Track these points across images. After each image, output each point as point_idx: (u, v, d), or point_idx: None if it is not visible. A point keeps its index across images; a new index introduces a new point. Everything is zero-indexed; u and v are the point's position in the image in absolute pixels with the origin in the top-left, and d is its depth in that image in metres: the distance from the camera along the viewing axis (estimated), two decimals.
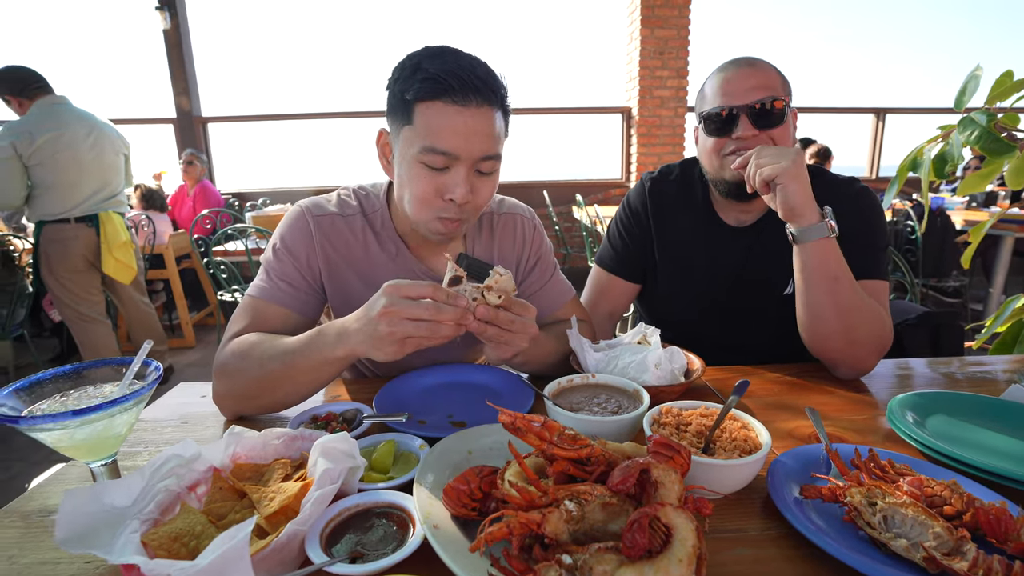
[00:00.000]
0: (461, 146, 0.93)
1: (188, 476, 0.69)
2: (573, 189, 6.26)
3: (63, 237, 3.07)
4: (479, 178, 0.99)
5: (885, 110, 6.97)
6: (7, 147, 2.82)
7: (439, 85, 0.91)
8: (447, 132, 0.93)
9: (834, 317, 1.10)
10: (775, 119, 1.18)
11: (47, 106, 2.96)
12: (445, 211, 1.00)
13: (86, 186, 3.07)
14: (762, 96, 1.17)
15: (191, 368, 4.13)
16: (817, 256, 1.09)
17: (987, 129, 1.26)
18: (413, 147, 0.95)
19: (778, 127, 1.19)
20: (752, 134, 1.18)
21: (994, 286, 4.23)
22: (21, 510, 0.75)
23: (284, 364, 0.92)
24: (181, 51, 6.17)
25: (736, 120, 1.19)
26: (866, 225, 1.24)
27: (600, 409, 0.89)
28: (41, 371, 0.73)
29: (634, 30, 6.09)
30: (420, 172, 0.97)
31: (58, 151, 2.91)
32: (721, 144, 1.23)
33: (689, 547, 0.50)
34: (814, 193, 1.12)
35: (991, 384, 1.13)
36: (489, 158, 0.97)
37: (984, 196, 5.12)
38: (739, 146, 1.20)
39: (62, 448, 0.68)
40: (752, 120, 1.18)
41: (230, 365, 0.98)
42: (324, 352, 0.90)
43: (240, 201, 6.07)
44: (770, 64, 1.22)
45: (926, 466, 0.76)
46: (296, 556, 0.61)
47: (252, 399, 0.98)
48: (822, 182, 1.28)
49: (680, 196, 1.41)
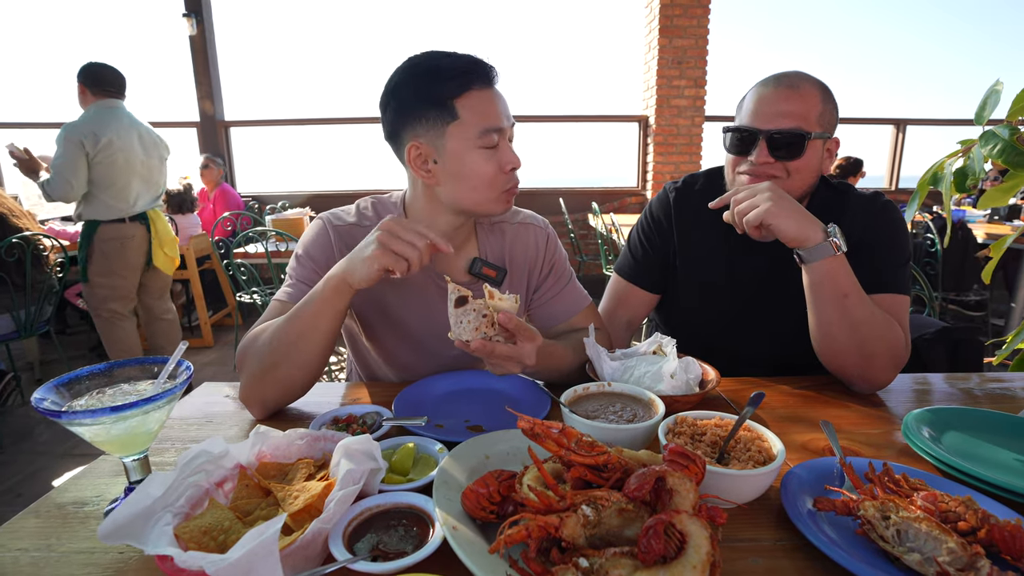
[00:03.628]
0: (505, 120, 1.07)
1: (216, 472, 0.71)
2: (589, 197, 6.27)
3: (122, 235, 3.24)
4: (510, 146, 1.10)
5: (905, 121, 6.89)
6: (77, 143, 2.96)
7: (467, 76, 1.03)
8: (492, 112, 1.04)
9: (846, 333, 1.10)
10: (794, 151, 1.15)
11: (106, 108, 3.09)
12: (508, 182, 1.09)
13: (138, 187, 3.24)
14: (788, 125, 1.14)
15: (209, 368, 4.20)
16: (825, 275, 1.09)
17: (1010, 143, 1.25)
18: (468, 137, 1.04)
19: (796, 160, 1.16)
20: (767, 161, 1.17)
21: (1016, 301, 4.15)
22: (56, 501, 0.79)
23: (290, 321, 1.00)
24: (206, 57, 6.30)
25: (755, 143, 1.17)
26: (888, 238, 1.23)
27: (616, 417, 0.90)
28: (67, 366, 0.76)
29: (652, 39, 6.10)
30: (481, 156, 1.05)
31: (117, 152, 3.07)
32: (738, 162, 1.23)
33: (703, 554, 0.52)
34: (839, 210, 1.13)
35: (1010, 401, 1.12)
36: (512, 125, 1.10)
37: (1007, 209, 5.03)
38: (752, 170, 1.19)
39: (99, 442, 0.71)
40: (770, 147, 1.16)
41: (248, 349, 1.04)
42: (323, 292, 0.98)
43: (260, 204, 6.16)
44: (816, 87, 1.17)
45: (941, 482, 0.76)
46: (320, 553, 0.63)
47: (270, 372, 1.00)
48: (847, 200, 1.28)
49: (705, 207, 1.37)
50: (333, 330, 1.01)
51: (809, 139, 1.15)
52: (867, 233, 1.20)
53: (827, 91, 1.19)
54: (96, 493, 0.81)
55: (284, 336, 0.99)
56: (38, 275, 3.26)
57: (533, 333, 0.94)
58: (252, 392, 1.03)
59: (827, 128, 1.19)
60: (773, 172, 1.17)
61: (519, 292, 1.28)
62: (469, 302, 0.89)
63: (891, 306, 1.16)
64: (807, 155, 1.16)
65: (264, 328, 1.05)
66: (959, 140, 1.41)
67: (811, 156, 1.17)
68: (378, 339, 1.26)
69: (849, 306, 1.09)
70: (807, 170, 1.18)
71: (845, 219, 1.17)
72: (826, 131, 1.18)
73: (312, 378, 1.05)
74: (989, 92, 1.33)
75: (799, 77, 1.19)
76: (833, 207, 1.26)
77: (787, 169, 1.17)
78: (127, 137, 3.13)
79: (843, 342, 1.11)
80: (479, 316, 0.88)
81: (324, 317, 0.99)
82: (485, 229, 1.26)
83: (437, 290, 1.19)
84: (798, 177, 1.18)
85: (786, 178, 1.18)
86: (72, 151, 2.96)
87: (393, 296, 1.20)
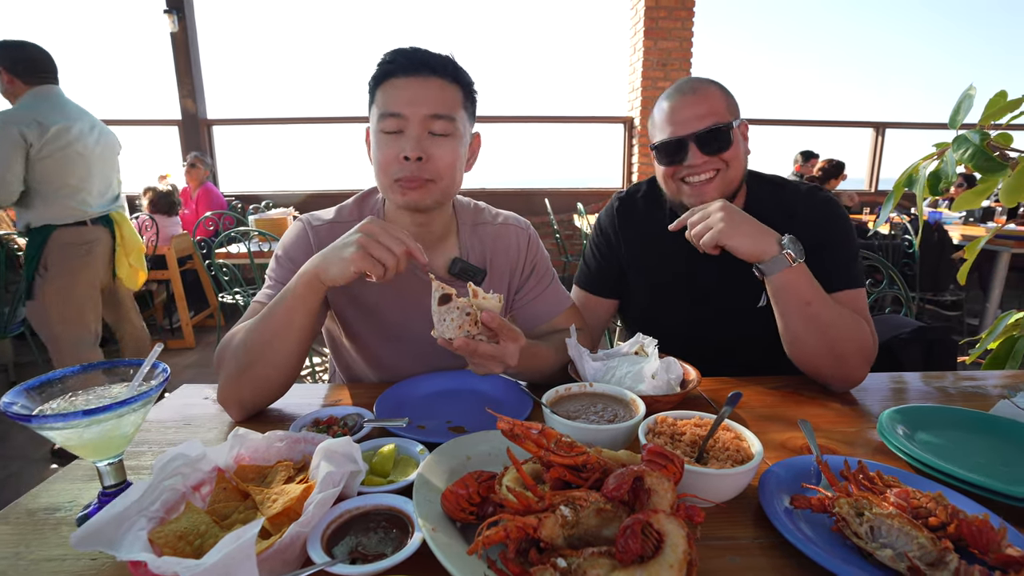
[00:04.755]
0: (408, 108, 1.03)
1: (193, 476, 0.70)
2: (574, 197, 6.30)
3: (85, 240, 2.75)
4: (434, 139, 1.06)
5: (884, 124, 7.02)
6: (15, 135, 2.46)
7: (391, 65, 1.05)
8: (397, 99, 1.04)
9: (815, 338, 1.13)
10: (722, 144, 1.22)
11: (48, 96, 2.62)
12: (402, 171, 1.06)
13: (95, 185, 2.77)
14: (708, 123, 1.21)
15: (190, 369, 4.14)
16: (785, 285, 1.13)
17: (980, 148, 1.28)
18: (375, 121, 1.07)
19: (726, 151, 1.23)
20: (702, 160, 1.22)
21: (991, 301, 4.25)
22: (27, 507, 0.77)
23: (264, 320, 1.00)
24: (188, 54, 6.22)
25: (686, 148, 1.23)
26: (835, 235, 1.27)
27: (597, 417, 0.90)
28: (42, 369, 0.75)
29: (637, 41, 6.15)
30: (380, 140, 1.07)
31: (68, 145, 2.60)
32: (673, 171, 1.27)
33: (680, 553, 0.52)
34: (781, 206, 1.19)
35: (983, 399, 1.15)
36: (439, 117, 1.05)
37: (981, 212, 5.15)
38: (691, 172, 1.25)
39: (71, 447, 0.70)
40: (700, 147, 1.22)
41: (225, 351, 1.04)
42: (295, 288, 0.98)
43: (243, 203, 6.09)
44: (714, 86, 1.26)
45: (914, 478, 0.78)
46: (298, 556, 0.63)
47: (246, 372, 1.00)
48: (786, 194, 1.33)
49: (648, 213, 1.43)
50: (307, 327, 1.00)
51: (732, 128, 1.23)
52: (812, 231, 1.23)
53: (722, 86, 1.28)
54: (69, 499, 0.79)
55: (259, 335, 0.99)
56: (12, 276, 3.19)
57: (516, 333, 0.94)
58: (229, 393, 1.02)
59: (735, 115, 1.26)
60: (714, 167, 1.23)
61: (500, 293, 1.29)
62: (453, 300, 0.89)
63: (849, 301, 1.20)
64: (735, 144, 1.24)
65: (238, 329, 1.05)
66: (934, 143, 1.44)
67: (737, 143, 1.25)
68: (358, 337, 1.25)
69: (813, 312, 1.12)
70: (739, 156, 1.25)
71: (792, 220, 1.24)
72: (736, 118, 1.26)
73: (288, 378, 1.04)
74: (963, 97, 1.36)
75: (698, 81, 1.27)
76: (774, 204, 1.31)
77: (724, 161, 1.23)
78: (81, 127, 2.67)
79: (813, 346, 1.14)
80: (462, 314, 0.88)
81: (297, 313, 0.98)
82: (467, 230, 1.26)
83: (418, 286, 1.19)
84: (735, 165, 1.25)
85: (726, 170, 1.24)
86: (6, 144, 2.45)
87: (373, 293, 1.19)
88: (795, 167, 6.08)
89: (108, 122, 2.96)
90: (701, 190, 1.25)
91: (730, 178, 1.25)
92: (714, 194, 1.24)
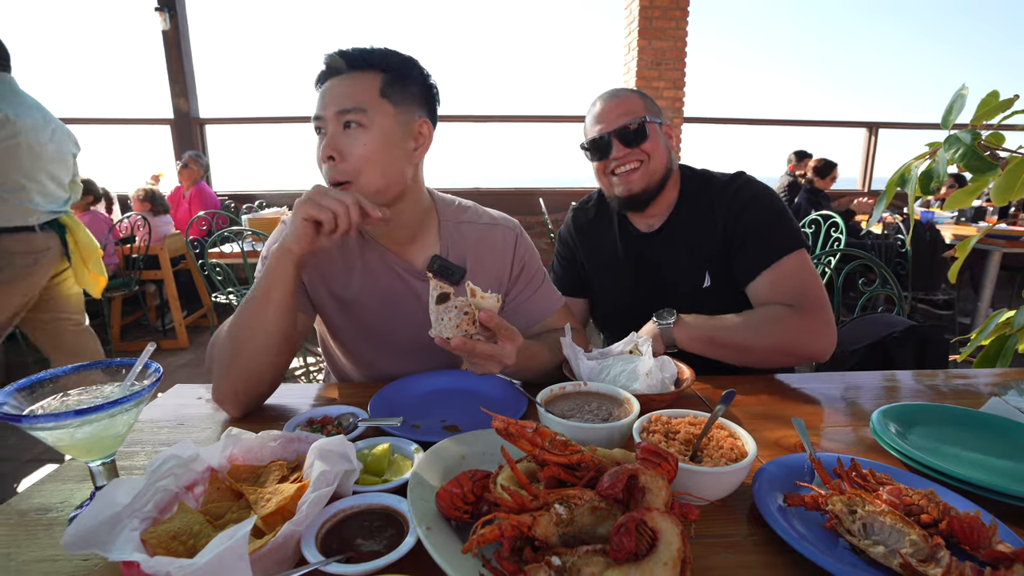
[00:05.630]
0: (324, 109, 1.06)
1: (186, 476, 0.70)
2: (569, 197, 6.30)
3: (33, 249, 2.48)
4: (346, 132, 1.05)
5: (877, 124, 7.06)
6: None
7: (325, 70, 1.08)
8: (318, 102, 1.07)
9: (746, 356, 1.26)
10: (640, 136, 1.35)
11: None
12: (328, 173, 1.07)
13: (47, 185, 2.48)
14: (627, 120, 1.35)
15: (184, 369, 4.12)
16: (686, 341, 1.26)
17: (971, 148, 1.29)
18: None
19: (646, 142, 1.36)
20: (624, 152, 1.36)
21: (982, 299, 4.29)
22: (19, 508, 0.76)
23: (245, 305, 1.01)
24: (180, 52, 6.18)
25: (610, 143, 1.37)
26: (758, 212, 1.35)
27: (591, 416, 0.91)
28: (34, 369, 0.74)
29: (632, 41, 6.16)
30: (317, 143, 1.09)
31: (18, 135, 2.31)
32: (604, 165, 1.40)
33: (674, 551, 0.52)
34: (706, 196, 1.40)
35: (974, 397, 1.16)
36: (347, 111, 1.04)
37: (973, 211, 5.19)
38: (617, 164, 1.38)
39: (62, 447, 0.69)
40: (622, 141, 1.35)
41: (214, 348, 1.06)
42: (269, 264, 1.00)
43: (236, 203, 6.07)
44: (633, 92, 1.42)
45: (906, 476, 0.79)
46: (292, 556, 0.63)
47: (234, 362, 1.00)
48: (709, 187, 1.43)
49: (598, 217, 1.58)
50: (283, 306, 1.00)
51: (647, 122, 1.36)
52: (737, 220, 1.35)
53: (643, 93, 1.43)
54: (61, 499, 0.79)
55: (241, 321, 1.00)
56: None
57: (514, 333, 0.94)
58: (222, 387, 1.02)
59: (656, 115, 1.39)
60: (636, 158, 1.36)
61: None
62: (451, 299, 0.88)
63: (795, 267, 1.28)
64: (652, 137, 1.36)
65: (225, 323, 1.06)
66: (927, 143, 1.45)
67: (655, 138, 1.37)
68: (343, 338, 1.25)
69: (721, 342, 1.24)
70: (658, 149, 1.38)
71: (715, 207, 1.39)
72: (656, 117, 1.39)
73: (275, 365, 1.04)
74: (955, 97, 1.37)
75: (620, 90, 1.42)
76: (701, 196, 1.43)
77: (645, 151, 1.36)
78: (34, 120, 2.38)
79: (756, 359, 1.27)
80: (460, 313, 0.87)
81: (275, 292, 0.99)
82: (450, 228, 1.25)
83: (399, 285, 1.19)
84: (656, 156, 1.37)
85: (648, 161, 1.37)
86: None
87: (357, 294, 1.19)
88: (789, 167, 6.10)
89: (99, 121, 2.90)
90: (627, 179, 1.37)
91: (652, 168, 1.37)
92: (640, 183, 1.37)
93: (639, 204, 1.41)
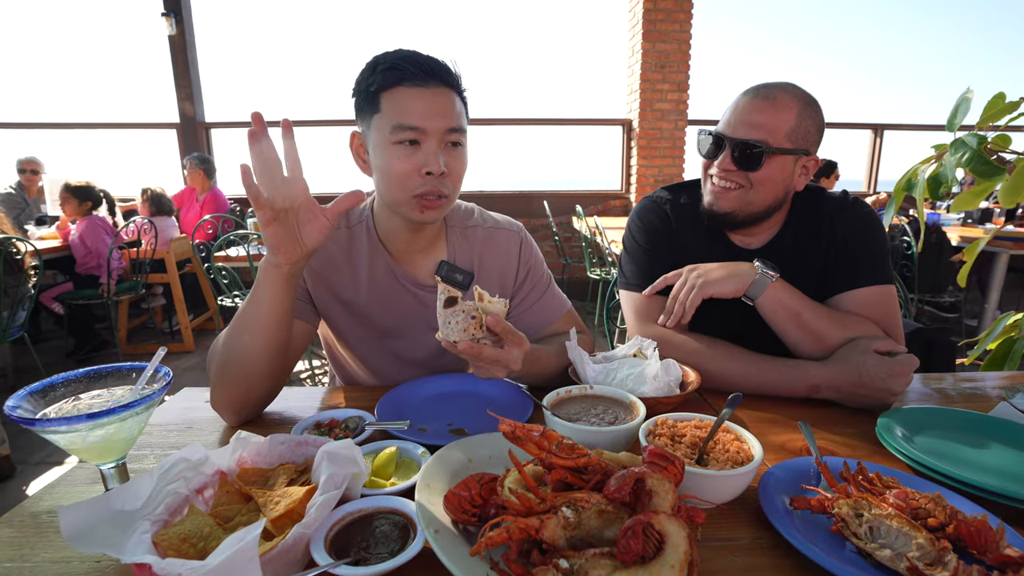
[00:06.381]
0: (428, 121, 1.01)
1: (196, 479, 0.71)
2: (573, 200, 6.30)
3: None
4: (450, 151, 1.05)
5: (883, 126, 7.04)
6: None
7: (399, 72, 1.01)
8: (413, 111, 1.01)
9: (815, 346, 1.16)
10: (752, 163, 1.18)
11: None
12: (423, 186, 1.04)
13: None
14: (752, 136, 1.17)
15: (190, 373, 4.14)
16: (772, 303, 1.17)
17: (977, 151, 1.29)
18: (384, 131, 1.02)
19: (756, 171, 1.18)
20: (727, 168, 1.20)
21: (989, 302, 4.26)
22: (31, 510, 0.77)
23: (240, 313, 0.99)
24: (186, 57, 6.22)
25: (722, 149, 1.21)
26: (864, 235, 1.27)
27: (597, 420, 0.91)
28: (43, 373, 0.75)
29: (636, 43, 6.16)
30: (396, 152, 1.02)
31: None
32: (708, 164, 1.27)
33: (681, 554, 0.53)
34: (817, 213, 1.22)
35: (982, 400, 1.16)
36: (455, 131, 1.04)
37: (980, 213, 5.16)
38: (718, 174, 1.23)
39: (74, 450, 0.70)
40: (733, 155, 1.19)
41: (212, 355, 1.05)
42: (258, 274, 0.97)
43: (242, 207, 6.10)
44: (795, 100, 1.18)
45: (913, 479, 0.79)
46: (301, 558, 0.63)
47: (230, 368, 0.99)
48: (821, 201, 1.32)
49: (695, 216, 1.37)
50: (278, 312, 0.97)
51: (768, 153, 1.17)
52: (844, 233, 1.26)
53: (808, 106, 1.19)
54: (72, 502, 0.79)
55: (237, 328, 0.99)
56: (11, 280, 3.18)
57: (521, 338, 0.94)
58: (219, 395, 1.02)
59: (800, 144, 1.19)
60: (735, 179, 1.21)
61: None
62: (459, 303, 0.89)
63: (877, 298, 1.21)
64: (767, 168, 1.18)
65: (222, 332, 1.06)
66: (933, 145, 1.44)
67: (772, 170, 1.19)
68: (351, 344, 1.26)
69: (805, 322, 1.16)
70: (769, 183, 1.20)
71: (832, 222, 1.27)
72: (799, 147, 1.19)
73: (269, 372, 1.00)
74: (960, 100, 1.37)
75: (779, 88, 1.19)
76: (812, 215, 1.31)
77: (748, 179, 1.20)
78: None
79: (811, 352, 1.17)
80: (468, 317, 0.88)
81: (266, 299, 0.95)
82: (456, 233, 1.25)
83: (403, 294, 1.20)
84: (761, 189, 1.20)
85: (749, 187, 1.21)
86: None
87: (364, 301, 1.20)
88: None
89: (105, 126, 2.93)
90: (717, 194, 1.24)
91: (750, 199, 1.22)
92: (726, 206, 1.23)
93: (723, 223, 1.28)
